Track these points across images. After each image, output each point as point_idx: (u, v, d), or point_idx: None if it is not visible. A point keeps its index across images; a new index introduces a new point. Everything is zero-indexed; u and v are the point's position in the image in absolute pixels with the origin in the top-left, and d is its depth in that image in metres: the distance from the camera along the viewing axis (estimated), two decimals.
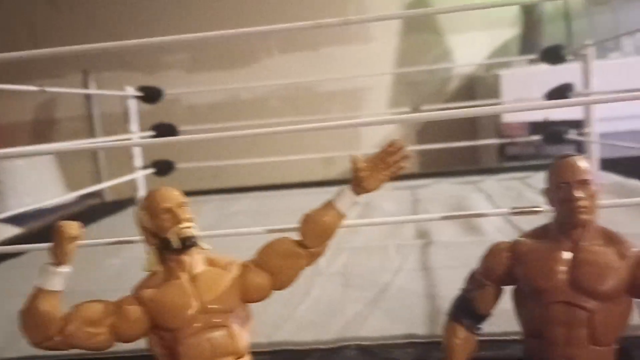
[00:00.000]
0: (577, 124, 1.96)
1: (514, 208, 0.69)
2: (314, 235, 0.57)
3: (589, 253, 0.54)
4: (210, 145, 2.62)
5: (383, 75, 2.97)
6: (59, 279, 0.51)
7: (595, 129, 1.70)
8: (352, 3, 2.88)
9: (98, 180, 2.78)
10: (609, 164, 1.74)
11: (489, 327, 0.63)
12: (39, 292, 0.51)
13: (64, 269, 0.51)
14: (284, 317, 0.74)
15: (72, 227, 0.51)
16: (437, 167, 2.56)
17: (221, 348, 0.55)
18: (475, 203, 1.31)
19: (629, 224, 1.07)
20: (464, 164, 2.54)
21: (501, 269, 0.58)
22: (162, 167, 1.65)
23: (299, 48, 2.97)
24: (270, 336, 0.69)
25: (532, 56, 1.87)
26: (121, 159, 1.86)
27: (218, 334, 0.55)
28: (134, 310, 0.54)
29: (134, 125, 1.68)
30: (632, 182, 1.39)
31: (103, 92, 2.57)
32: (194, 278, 0.56)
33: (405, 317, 0.71)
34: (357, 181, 0.57)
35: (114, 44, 0.81)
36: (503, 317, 0.62)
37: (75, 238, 0.51)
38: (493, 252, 0.60)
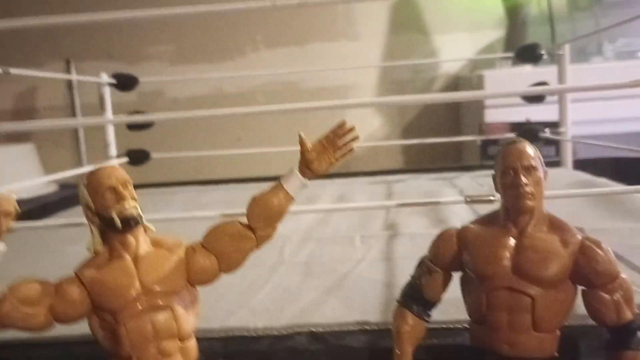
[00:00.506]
0: (556, 125, 1.98)
1: (467, 197, 0.69)
2: (262, 217, 0.56)
3: (533, 239, 0.54)
4: (190, 137, 2.61)
5: (368, 74, 2.97)
6: None
7: (570, 129, 1.72)
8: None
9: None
10: (585, 165, 1.75)
11: (438, 315, 0.63)
12: None
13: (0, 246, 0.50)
14: (240, 304, 0.74)
15: (7, 202, 0.50)
16: (421, 165, 2.57)
17: (164, 330, 0.54)
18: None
19: (593, 219, 1.07)
20: (447, 163, 2.55)
21: (449, 255, 0.58)
22: (137, 157, 1.64)
23: (286, 43, 2.97)
24: (224, 322, 0.68)
25: (508, 54, 1.87)
26: (102, 150, 1.84)
27: (161, 315, 0.54)
28: (74, 291, 0.53)
29: (108, 112, 1.66)
30: (601, 180, 1.40)
31: (77, 78, 2.54)
32: (137, 259, 0.55)
33: (360, 304, 0.71)
34: (305, 163, 0.56)
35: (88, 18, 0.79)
36: (452, 305, 0.62)
37: (9, 214, 0.50)
38: (441, 238, 0.60)
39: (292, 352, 0.63)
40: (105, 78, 1.65)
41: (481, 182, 1.57)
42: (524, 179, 0.54)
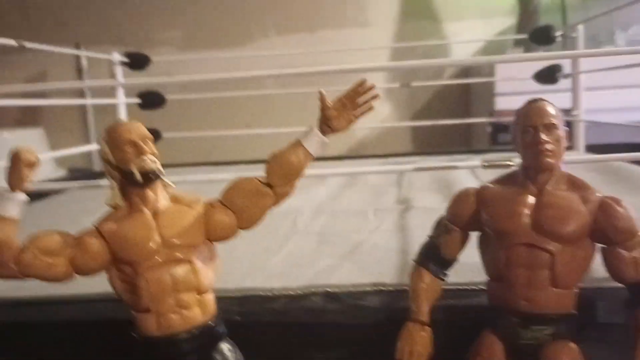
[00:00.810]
0: (568, 111, 1.97)
1: (485, 161, 0.68)
2: (280, 174, 0.56)
3: (552, 197, 0.54)
4: (200, 121, 2.62)
5: (378, 61, 2.97)
6: (13, 205, 0.50)
7: (582, 114, 1.71)
8: None
9: (89, 156, 2.77)
10: (598, 150, 1.74)
11: (455, 277, 0.63)
12: None
13: (20, 196, 0.51)
14: (256, 267, 0.74)
15: (29, 153, 0.50)
16: (431, 148, 2.57)
17: (183, 282, 0.54)
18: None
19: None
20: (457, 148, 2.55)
21: (467, 213, 0.58)
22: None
23: (296, 29, 2.96)
24: (240, 283, 0.68)
25: (523, 36, 1.86)
26: None
27: (180, 268, 0.54)
28: (94, 243, 0.53)
29: (120, 93, 1.67)
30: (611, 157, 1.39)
31: (88, 54, 2.54)
32: (157, 213, 0.55)
33: (376, 268, 0.71)
34: (325, 120, 0.56)
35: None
36: (469, 269, 0.62)
37: (32, 164, 0.50)
38: (460, 198, 0.60)
39: (307, 311, 0.64)
40: (117, 57, 1.65)
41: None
42: (544, 137, 0.54)
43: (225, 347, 0.58)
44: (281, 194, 0.57)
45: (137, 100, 1.67)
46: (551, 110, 0.55)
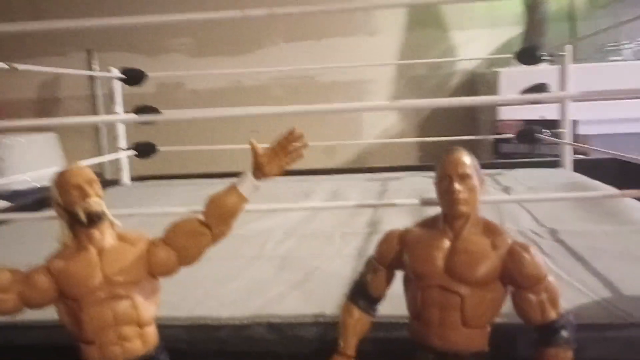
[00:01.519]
0: (573, 125, 1.98)
1: (422, 199, 0.72)
2: (216, 216, 0.61)
3: (465, 242, 0.58)
4: (205, 129, 2.68)
5: (385, 69, 3.00)
6: None
7: (569, 129, 1.73)
8: None
9: (100, 163, 2.83)
10: (596, 164, 1.76)
11: (390, 309, 0.67)
12: None
13: None
14: (211, 294, 0.79)
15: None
16: (434, 161, 2.59)
17: (124, 317, 0.59)
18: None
19: (571, 220, 1.10)
20: None
21: (391, 254, 0.63)
22: (143, 150, 1.70)
23: (304, 37, 3.00)
24: (191, 311, 0.73)
25: (508, 55, 1.88)
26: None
27: (121, 303, 0.59)
28: (42, 279, 0.59)
29: (118, 106, 1.73)
30: (594, 183, 1.41)
31: (90, 73, 2.62)
32: (102, 251, 0.60)
33: (321, 298, 0.75)
34: (257, 166, 0.61)
35: (110, 22, 0.84)
36: (396, 301, 0.66)
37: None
38: (385, 239, 0.64)
39: (249, 341, 0.68)
40: (115, 72, 1.71)
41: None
42: (457, 186, 0.58)
43: None
44: (217, 233, 0.62)
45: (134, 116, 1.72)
46: (466, 160, 0.59)
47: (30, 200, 1.77)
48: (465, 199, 0.58)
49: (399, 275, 0.64)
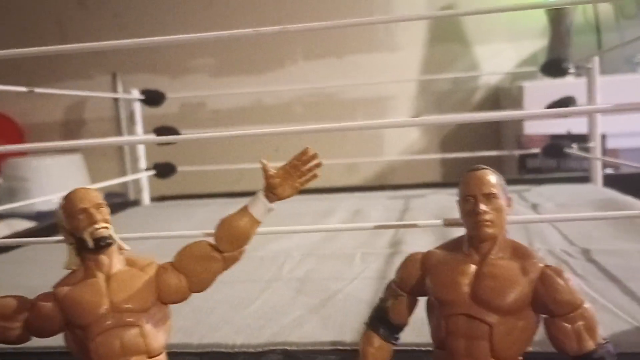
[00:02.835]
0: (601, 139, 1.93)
1: (446, 220, 0.69)
2: (228, 240, 0.58)
3: (492, 267, 0.54)
4: (226, 149, 2.67)
5: (407, 85, 2.97)
6: None
7: (599, 144, 1.67)
8: (378, 11, 2.89)
9: (125, 183, 2.85)
10: (628, 179, 1.71)
11: (413, 337, 0.63)
12: None
13: None
14: (226, 319, 0.76)
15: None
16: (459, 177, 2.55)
17: (132, 346, 0.57)
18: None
19: (604, 238, 1.05)
20: None
21: (413, 279, 0.59)
22: (163, 170, 1.69)
23: (324, 55, 3.00)
24: (205, 338, 0.70)
25: (533, 69, 1.84)
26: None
27: (129, 332, 0.57)
28: (48, 307, 0.56)
29: (138, 126, 1.72)
30: (625, 199, 1.36)
31: (111, 95, 2.64)
32: (110, 277, 0.58)
33: (340, 324, 0.72)
34: (269, 188, 0.58)
35: (133, 42, 0.84)
36: (420, 327, 0.62)
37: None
38: (406, 263, 0.60)
39: None
40: (135, 94, 1.71)
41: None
42: (483, 207, 0.54)
43: None
44: (229, 258, 0.59)
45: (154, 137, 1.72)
46: (492, 179, 0.55)
47: (50, 222, 1.77)
48: (492, 220, 0.54)
49: (422, 299, 0.61)
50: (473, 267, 0.55)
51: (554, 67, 1.57)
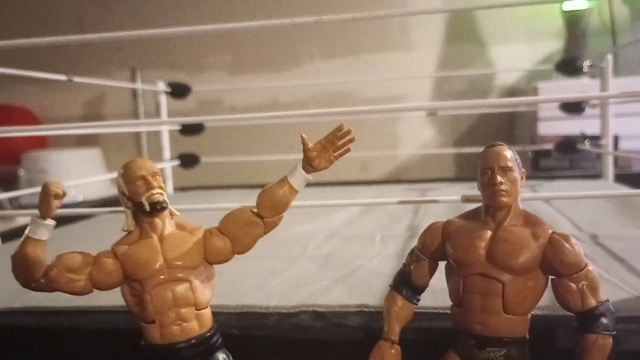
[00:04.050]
0: (614, 140, 1.98)
1: (464, 196, 0.75)
2: (269, 206, 0.65)
3: (506, 232, 0.61)
4: (243, 143, 2.74)
5: (422, 85, 3.00)
6: (44, 229, 0.61)
7: (610, 141, 1.72)
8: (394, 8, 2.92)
9: None
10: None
11: (431, 301, 0.70)
12: (27, 240, 0.60)
13: (49, 222, 0.61)
14: (259, 287, 0.82)
15: (56, 185, 0.61)
16: (471, 174, 2.60)
17: (182, 299, 0.64)
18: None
19: (613, 225, 1.11)
20: None
21: (434, 245, 0.66)
22: (187, 160, 1.76)
23: (341, 54, 3.04)
24: (240, 301, 0.77)
25: (548, 67, 1.89)
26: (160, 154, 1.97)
27: (180, 286, 0.64)
28: (109, 263, 0.64)
29: (164, 118, 1.80)
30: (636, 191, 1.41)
31: (137, 86, 2.71)
32: (163, 238, 0.65)
33: (364, 291, 0.78)
34: (307, 160, 0.65)
35: (148, 33, 0.91)
36: (438, 294, 0.68)
37: (58, 195, 0.61)
38: (428, 230, 0.67)
39: (296, 327, 0.72)
40: (161, 86, 1.78)
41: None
42: (499, 178, 0.61)
43: (221, 356, 0.66)
44: (269, 223, 0.66)
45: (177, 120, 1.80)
46: (507, 154, 0.62)
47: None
48: (507, 190, 0.61)
49: (440, 270, 0.67)
50: (489, 233, 0.62)
51: (568, 65, 1.63)
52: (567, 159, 2.19)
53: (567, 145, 1.71)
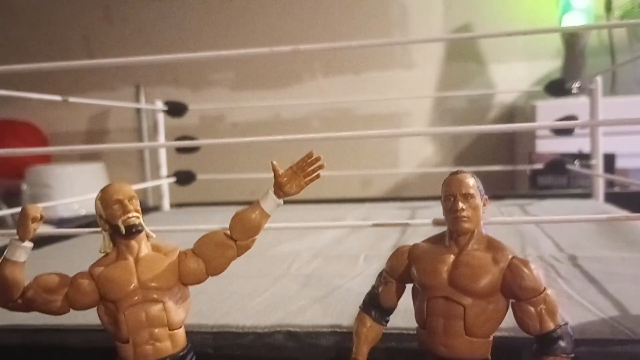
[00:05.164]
0: (610, 158, 1.99)
1: (435, 219, 0.77)
2: (241, 230, 0.67)
3: (468, 256, 0.63)
4: (243, 160, 2.76)
5: (422, 102, 3.03)
6: (22, 251, 0.63)
7: (600, 161, 1.74)
8: (396, 29, 2.97)
9: (144, 191, 2.93)
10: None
11: (401, 322, 0.72)
12: (5, 262, 0.63)
13: (27, 244, 0.64)
14: (238, 307, 0.84)
15: (34, 209, 0.63)
16: None
17: (156, 319, 0.66)
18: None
19: (590, 246, 1.12)
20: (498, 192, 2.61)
21: (401, 267, 0.68)
22: (183, 177, 1.79)
23: (342, 71, 3.08)
24: (218, 320, 0.79)
25: (537, 88, 1.91)
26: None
27: (154, 307, 0.66)
28: (85, 284, 0.66)
29: (161, 136, 1.83)
30: (622, 212, 1.43)
31: (135, 105, 2.75)
32: (138, 260, 0.67)
33: (339, 312, 0.80)
34: (278, 185, 0.67)
35: (156, 58, 0.94)
36: (407, 315, 0.70)
37: (36, 218, 0.63)
38: (396, 254, 0.69)
39: (270, 347, 0.74)
40: (159, 105, 1.81)
41: (502, 210, 1.61)
42: (461, 205, 0.63)
43: None
44: (242, 246, 0.68)
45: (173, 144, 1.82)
46: (469, 181, 0.64)
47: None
48: (469, 216, 0.63)
49: (409, 290, 0.69)
50: (452, 257, 0.64)
51: (557, 87, 1.65)
52: (564, 176, 2.20)
53: (557, 165, 1.72)
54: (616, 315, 0.74)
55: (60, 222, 2.37)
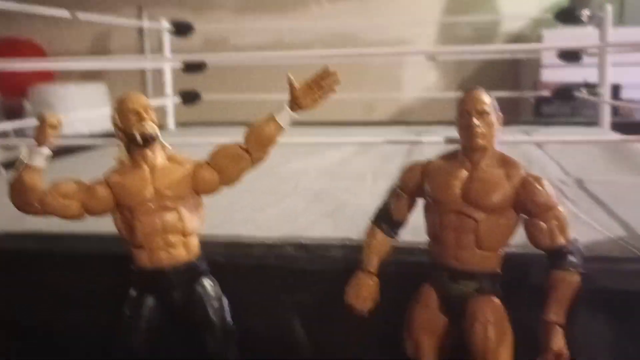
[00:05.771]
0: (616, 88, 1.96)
1: (447, 138, 0.77)
2: (255, 142, 0.67)
3: (481, 172, 0.63)
4: (247, 82, 2.73)
5: (427, 30, 2.96)
6: (40, 157, 0.64)
7: (608, 89, 1.72)
8: None
9: None
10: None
11: (411, 236, 0.73)
12: (24, 167, 0.63)
13: (45, 150, 0.64)
14: (249, 219, 0.86)
15: (53, 117, 0.63)
16: None
17: (170, 226, 0.67)
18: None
19: (600, 170, 1.13)
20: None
21: (413, 182, 0.68)
22: (188, 97, 1.77)
23: None
24: (229, 231, 0.80)
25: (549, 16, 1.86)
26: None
27: (168, 214, 0.67)
28: (101, 190, 0.67)
29: (167, 54, 1.80)
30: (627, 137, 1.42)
31: (140, 24, 2.69)
32: (154, 169, 0.68)
33: (348, 226, 0.81)
34: (293, 99, 0.67)
35: None
36: (417, 230, 0.71)
37: (54, 125, 0.63)
38: (409, 169, 0.70)
39: (281, 258, 0.75)
40: (165, 24, 1.77)
41: (512, 136, 1.61)
42: (476, 121, 0.62)
43: (206, 281, 0.70)
44: (256, 158, 0.68)
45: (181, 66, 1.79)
46: (485, 98, 0.64)
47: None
48: (483, 133, 0.62)
49: (419, 208, 0.70)
50: (465, 173, 0.64)
51: (567, 14, 1.61)
52: (568, 106, 2.18)
53: (565, 92, 1.71)
54: (624, 235, 0.75)
55: (63, 139, 2.36)
